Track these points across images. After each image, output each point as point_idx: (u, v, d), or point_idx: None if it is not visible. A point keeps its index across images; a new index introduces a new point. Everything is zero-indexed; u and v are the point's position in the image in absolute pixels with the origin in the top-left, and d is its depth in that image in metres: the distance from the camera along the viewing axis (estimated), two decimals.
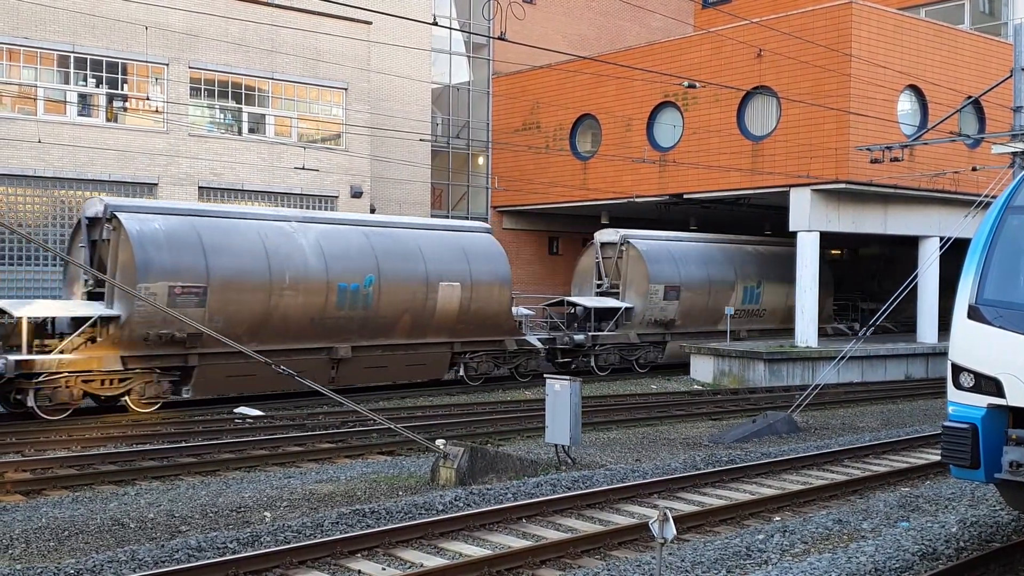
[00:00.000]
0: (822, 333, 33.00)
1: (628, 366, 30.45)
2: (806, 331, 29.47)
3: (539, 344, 27.37)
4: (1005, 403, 8.67)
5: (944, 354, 12.32)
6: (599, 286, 31.61)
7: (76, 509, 11.95)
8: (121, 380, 19.72)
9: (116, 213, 20.10)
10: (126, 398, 19.87)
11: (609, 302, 30.37)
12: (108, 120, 27.52)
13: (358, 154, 31.50)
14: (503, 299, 26.23)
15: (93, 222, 20.64)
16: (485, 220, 39.22)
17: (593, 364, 29.46)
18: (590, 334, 29.42)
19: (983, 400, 8.77)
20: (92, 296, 20.55)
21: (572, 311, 30.78)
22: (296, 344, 22.17)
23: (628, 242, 31.10)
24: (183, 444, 16.48)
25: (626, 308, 30.36)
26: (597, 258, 31.79)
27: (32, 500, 12.81)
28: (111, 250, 20.20)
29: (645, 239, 31.75)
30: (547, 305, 31.82)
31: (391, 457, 16.39)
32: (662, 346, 31.49)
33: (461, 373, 25.72)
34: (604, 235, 31.96)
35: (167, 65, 27.99)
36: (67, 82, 26.85)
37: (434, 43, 37.29)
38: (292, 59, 30.09)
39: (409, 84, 34.96)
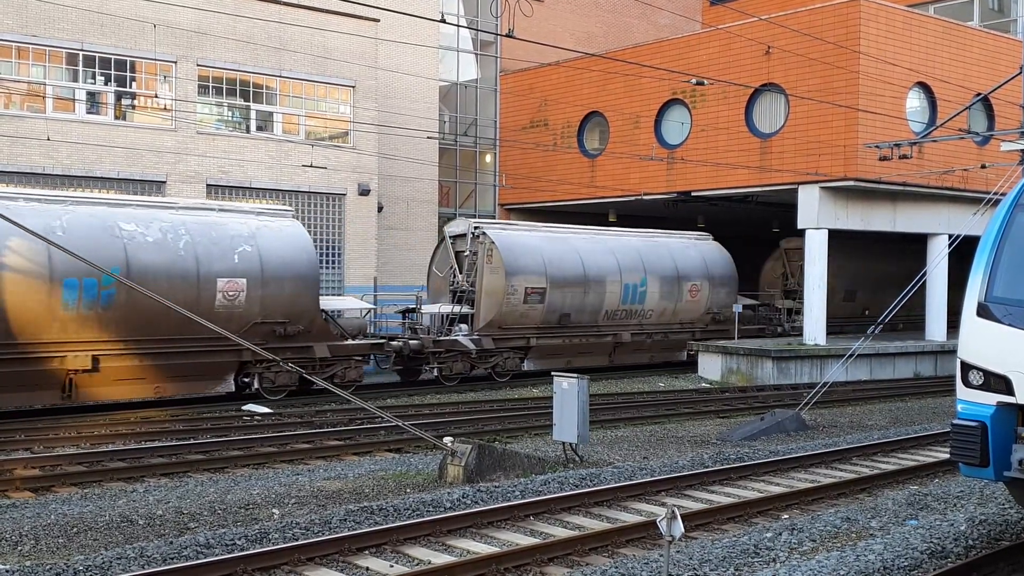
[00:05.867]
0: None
1: (485, 375, 26.57)
2: (814, 329, 29.44)
3: (358, 351, 23.61)
4: (1014, 401, 8.64)
5: (953, 352, 12.28)
6: (453, 285, 27.53)
7: (85, 506, 11.99)
8: None
9: None
10: None
11: (442, 308, 26.85)
12: (116, 118, 27.56)
13: (366, 152, 31.51)
14: (308, 298, 22.44)
15: None
16: (494, 217, 39.23)
17: (437, 373, 25.39)
18: (430, 338, 25.50)
19: (992, 398, 8.74)
20: None
21: (413, 314, 27.35)
22: (12, 352, 18.53)
23: (484, 234, 26.78)
24: (191, 441, 16.55)
25: (481, 310, 26.51)
26: (450, 253, 27.74)
27: (41, 497, 12.87)
28: None
29: (503, 229, 27.78)
30: (404, 310, 28.01)
31: (399, 454, 16.43)
32: (525, 351, 27.37)
33: (256, 386, 21.76)
34: (455, 226, 28.07)
35: (175, 63, 28.03)
36: (75, 80, 26.91)
37: (442, 40, 37.29)
38: (300, 57, 30.12)
39: (417, 81, 34.95)
